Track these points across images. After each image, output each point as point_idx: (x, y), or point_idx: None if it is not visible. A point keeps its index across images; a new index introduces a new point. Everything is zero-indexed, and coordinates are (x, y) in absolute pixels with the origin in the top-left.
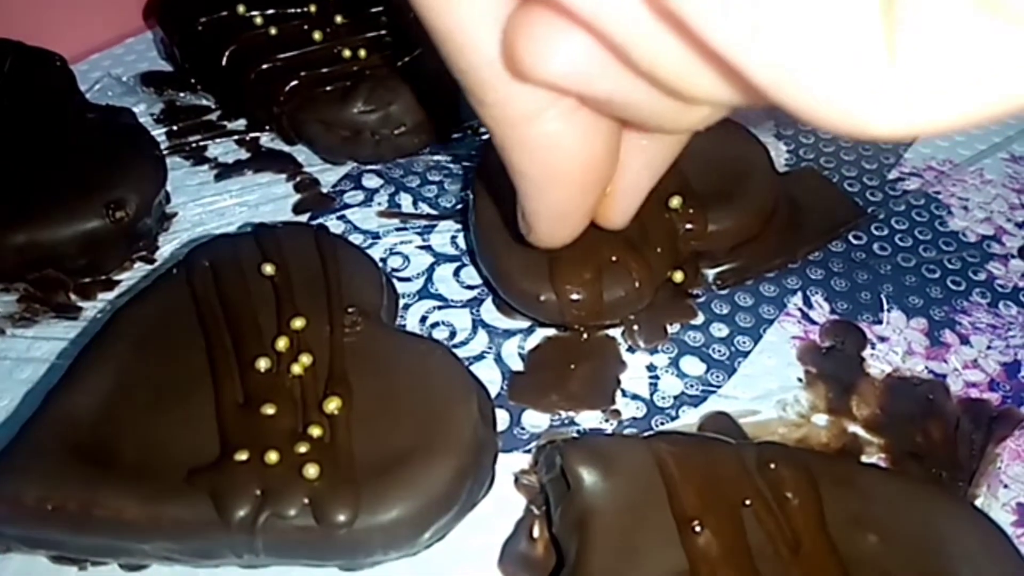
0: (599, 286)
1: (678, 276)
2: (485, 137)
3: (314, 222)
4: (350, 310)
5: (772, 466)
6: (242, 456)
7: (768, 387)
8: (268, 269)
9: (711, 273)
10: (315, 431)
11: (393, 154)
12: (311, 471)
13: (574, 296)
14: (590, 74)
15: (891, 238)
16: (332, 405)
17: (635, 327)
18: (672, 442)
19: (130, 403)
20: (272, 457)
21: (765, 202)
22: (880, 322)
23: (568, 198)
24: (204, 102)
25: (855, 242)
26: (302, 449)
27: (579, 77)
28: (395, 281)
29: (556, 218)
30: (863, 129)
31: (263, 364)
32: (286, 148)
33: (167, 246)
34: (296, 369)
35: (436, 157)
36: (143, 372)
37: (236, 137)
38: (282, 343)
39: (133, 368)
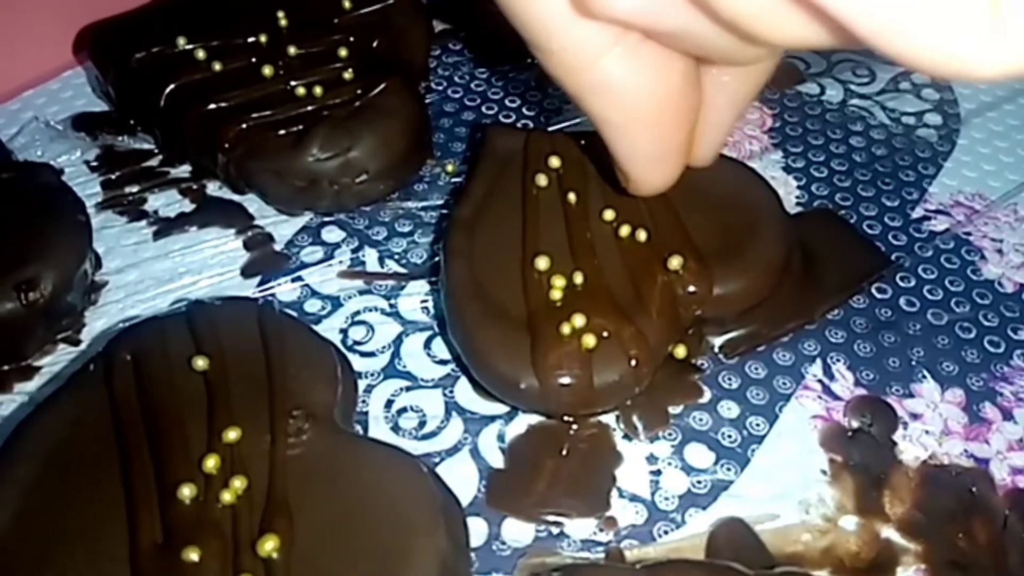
0: (589, 369)
1: (680, 351)
2: (459, 179)
3: (267, 287)
4: (295, 414)
5: None
6: None
7: (788, 483)
8: (201, 363)
9: (717, 341)
10: None
11: (356, 202)
12: None
13: (561, 382)
14: (657, 11)
15: (919, 290)
16: (269, 546)
17: (632, 412)
18: (678, 574)
19: (28, 544)
20: None
21: (777, 256)
22: (912, 395)
23: (653, 138)
24: (145, 145)
25: (879, 296)
26: None
27: (646, 14)
28: (358, 356)
29: (647, 161)
30: (969, 71)
31: (187, 492)
32: (236, 197)
33: (97, 322)
34: (227, 497)
35: (406, 204)
36: (46, 504)
37: (180, 186)
38: (211, 462)
39: (35, 499)
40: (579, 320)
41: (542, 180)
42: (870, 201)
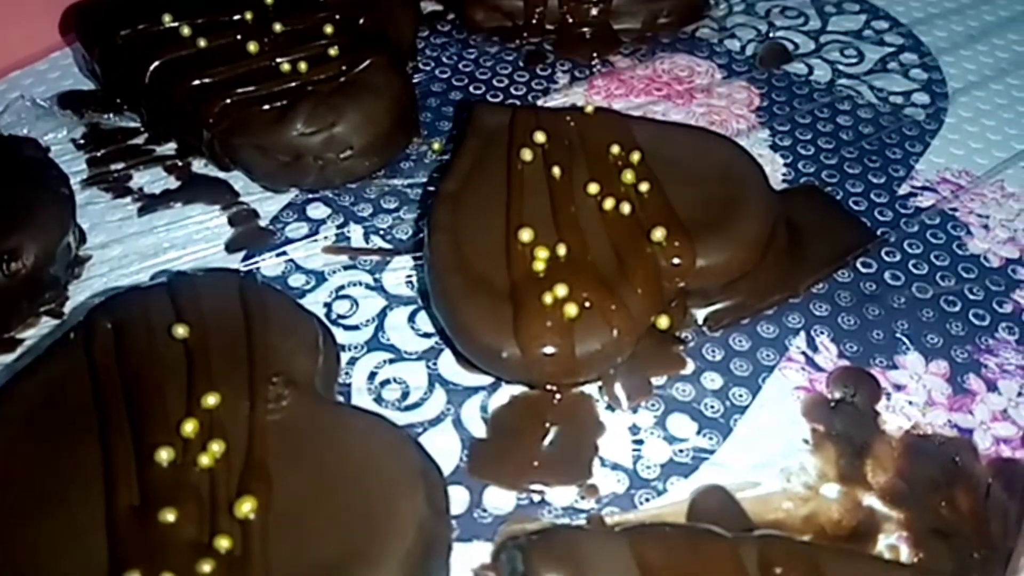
0: (571, 338)
1: (663, 322)
2: (446, 157)
3: (251, 262)
4: (275, 380)
5: (778, 572)
6: None
7: (770, 452)
8: (181, 331)
9: (701, 313)
10: (223, 543)
11: (341, 179)
12: None
13: (543, 351)
14: None
15: (904, 265)
16: (246, 507)
17: (614, 383)
18: (657, 539)
19: (6, 507)
20: None
21: (761, 230)
22: (895, 367)
23: None
24: (131, 123)
25: (864, 270)
26: (206, 568)
27: None
28: (342, 330)
29: None
30: None
31: (165, 455)
32: (221, 174)
33: (80, 295)
34: (204, 460)
35: (392, 181)
36: (25, 468)
37: (165, 163)
38: (190, 427)
39: (13, 462)
40: (561, 290)
41: (527, 155)
42: (856, 178)
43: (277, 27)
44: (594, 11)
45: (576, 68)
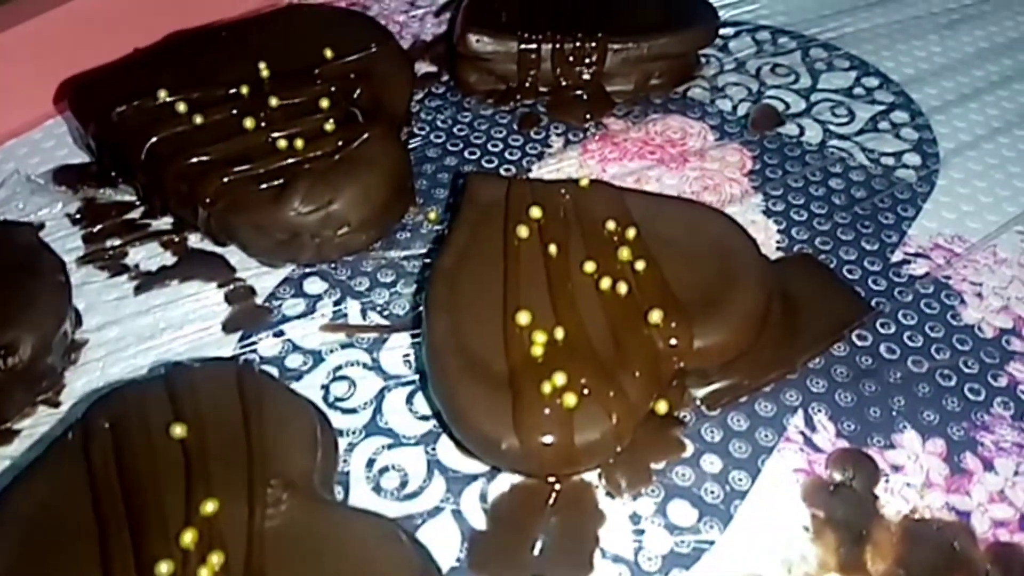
0: (570, 428)
1: (662, 407)
2: (442, 227)
3: (248, 343)
4: (273, 483)
5: None
6: None
7: (770, 541)
8: (179, 431)
9: (699, 393)
10: None
11: (338, 253)
12: None
13: (542, 442)
14: None
15: (899, 337)
16: None
17: (615, 470)
18: None
19: None
20: None
21: (756, 307)
22: (893, 446)
23: None
24: (127, 197)
25: (859, 344)
26: None
27: None
28: (340, 413)
29: None
30: None
31: (164, 569)
32: (218, 249)
33: (77, 382)
34: (204, 573)
35: (389, 253)
36: None
37: (161, 239)
38: (189, 537)
39: (13, 574)
40: (560, 378)
41: (523, 232)
42: (850, 245)
43: (273, 101)
44: (587, 73)
45: (570, 131)
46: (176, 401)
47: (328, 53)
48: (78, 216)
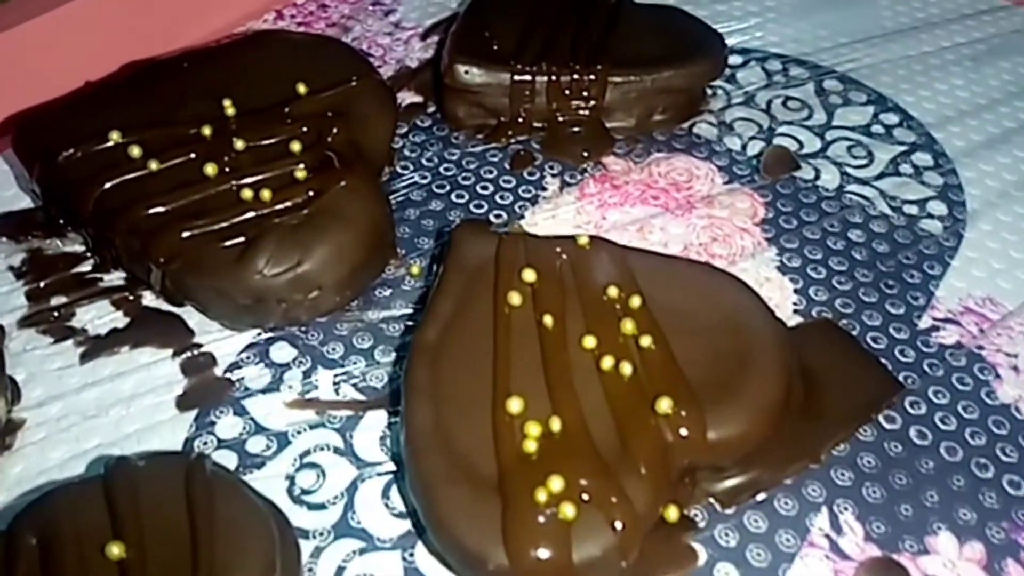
0: (567, 543)
1: (672, 514)
2: (424, 281)
3: (206, 423)
4: None
5: None
6: None
7: None
8: (116, 551)
9: (712, 488)
10: None
11: (309, 316)
12: None
13: (536, 557)
14: None
15: (931, 419)
16: None
17: None
18: None
19: None
20: None
21: (777, 392)
22: (927, 551)
23: None
24: (77, 247)
25: (888, 427)
26: None
27: None
28: (306, 510)
29: None
30: None
31: None
32: (175, 308)
33: (13, 468)
34: None
35: (366, 314)
36: None
37: (113, 296)
38: None
39: None
40: (556, 484)
41: (515, 299)
42: (873, 308)
43: (239, 144)
44: (585, 108)
45: (566, 171)
46: (116, 511)
47: (301, 88)
48: (23, 268)
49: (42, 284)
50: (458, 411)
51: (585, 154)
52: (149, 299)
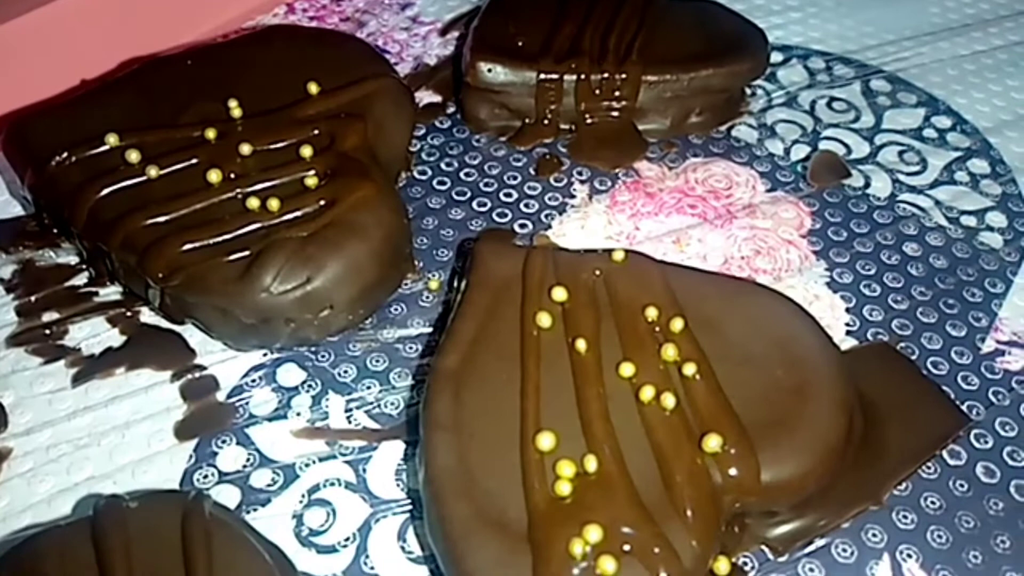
0: None
1: (722, 567)
2: (445, 295)
3: (206, 454)
4: None
5: None
6: None
7: None
8: None
9: (764, 533)
10: None
11: (319, 335)
12: None
13: None
14: None
15: (998, 453)
16: None
17: None
18: None
19: None
20: None
21: (839, 427)
22: None
23: None
24: (71, 258)
25: (952, 463)
26: None
27: None
28: (315, 553)
29: None
30: None
31: None
32: (175, 326)
33: None
34: None
35: (381, 333)
36: None
37: (108, 312)
38: None
39: None
40: (594, 534)
41: (544, 320)
42: (932, 329)
43: (245, 148)
44: (616, 109)
45: (596, 178)
46: (104, 560)
47: (312, 88)
48: (14, 281)
49: (33, 298)
50: (483, 448)
51: (616, 159)
52: (147, 315)
